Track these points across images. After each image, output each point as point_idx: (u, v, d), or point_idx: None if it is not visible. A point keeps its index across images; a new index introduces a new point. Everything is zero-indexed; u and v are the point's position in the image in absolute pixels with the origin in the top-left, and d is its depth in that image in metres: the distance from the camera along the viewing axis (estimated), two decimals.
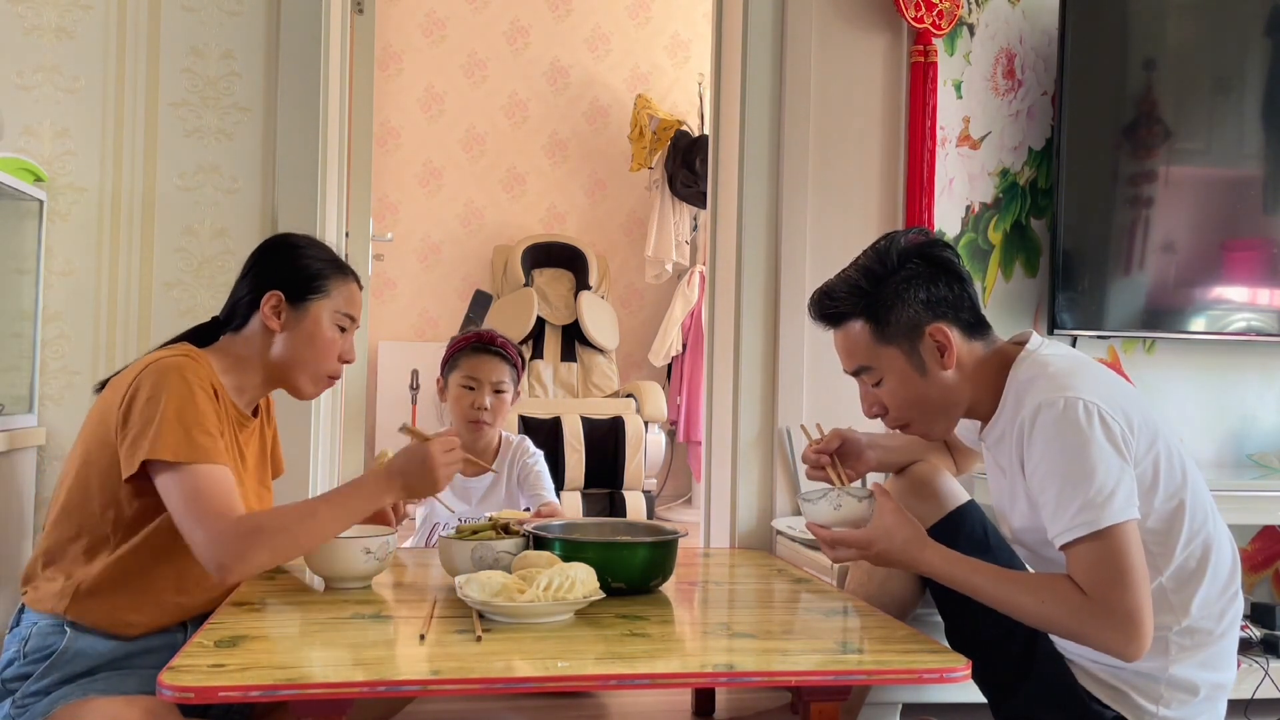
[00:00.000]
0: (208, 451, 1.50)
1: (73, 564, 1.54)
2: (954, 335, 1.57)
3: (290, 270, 1.70)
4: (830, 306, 1.62)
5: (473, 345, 2.42)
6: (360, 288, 1.78)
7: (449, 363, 2.44)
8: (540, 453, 2.53)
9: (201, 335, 1.73)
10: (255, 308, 1.68)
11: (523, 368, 2.51)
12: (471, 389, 2.38)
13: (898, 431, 1.70)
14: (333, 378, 1.74)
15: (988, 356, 1.60)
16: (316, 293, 1.69)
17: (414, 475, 1.61)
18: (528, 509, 2.48)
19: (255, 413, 1.76)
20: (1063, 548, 1.44)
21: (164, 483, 1.49)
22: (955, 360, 1.57)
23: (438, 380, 2.49)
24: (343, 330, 1.73)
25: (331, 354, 1.71)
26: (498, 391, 2.40)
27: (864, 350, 1.59)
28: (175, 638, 1.62)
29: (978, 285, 1.73)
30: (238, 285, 1.73)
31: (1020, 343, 1.61)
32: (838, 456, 1.80)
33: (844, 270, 1.63)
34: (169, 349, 1.64)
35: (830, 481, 1.77)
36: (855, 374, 1.64)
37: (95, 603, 1.54)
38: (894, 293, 1.56)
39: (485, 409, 2.38)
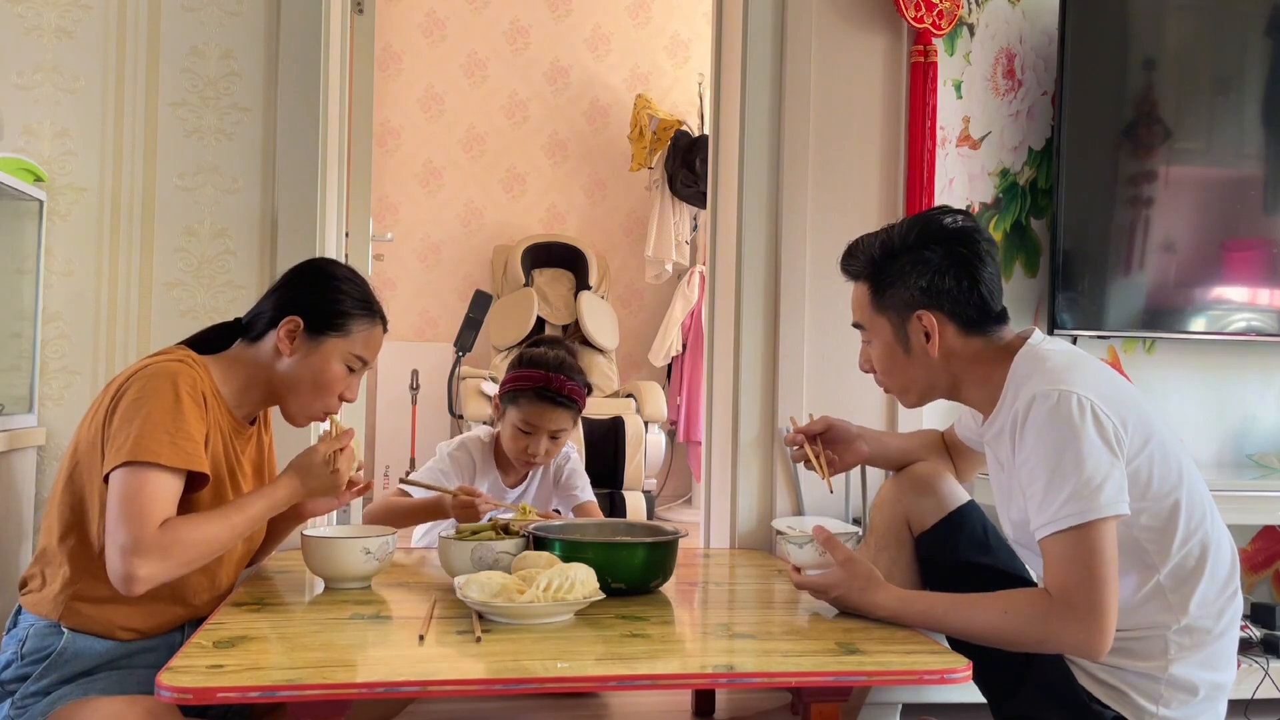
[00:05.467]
0: (173, 456, 1.47)
1: (64, 568, 1.54)
2: (945, 327, 1.61)
3: (318, 300, 1.68)
4: (847, 263, 1.73)
5: (537, 390, 2.28)
6: (385, 331, 1.76)
7: (509, 395, 2.33)
8: (573, 449, 2.50)
9: (219, 334, 1.72)
10: (274, 325, 1.67)
11: (586, 399, 2.39)
12: (528, 434, 2.30)
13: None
14: (327, 413, 1.73)
15: (987, 351, 1.62)
16: (336, 330, 1.68)
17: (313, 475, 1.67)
18: (557, 510, 2.46)
19: (254, 421, 1.76)
20: (1044, 539, 1.45)
21: (115, 476, 1.46)
22: (939, 349, 1.61)
23: (494, 399, 2.39)
24: (351, 370, 1.71)
25: (333, 392, 1.70)
26: (553, 437, 2.32)
27: (862, 311, 1.70)
28: (174, 637, 1.62)
29: None
30: (265, 297, 1.73)
31: (1024, 339, 1.62)
32: (826, 443, 1.88)
33: (877, 231, 1.71)
34: (167, 352, 1.63)
35: (809, 462, 1.86)
36: (856, 326, 1.73)
37: (90, 610, 1.54)
38: (898, 271, 1.63)
39: (538, 455, 2.30)
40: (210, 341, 1.71)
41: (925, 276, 1.60)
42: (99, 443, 1.51)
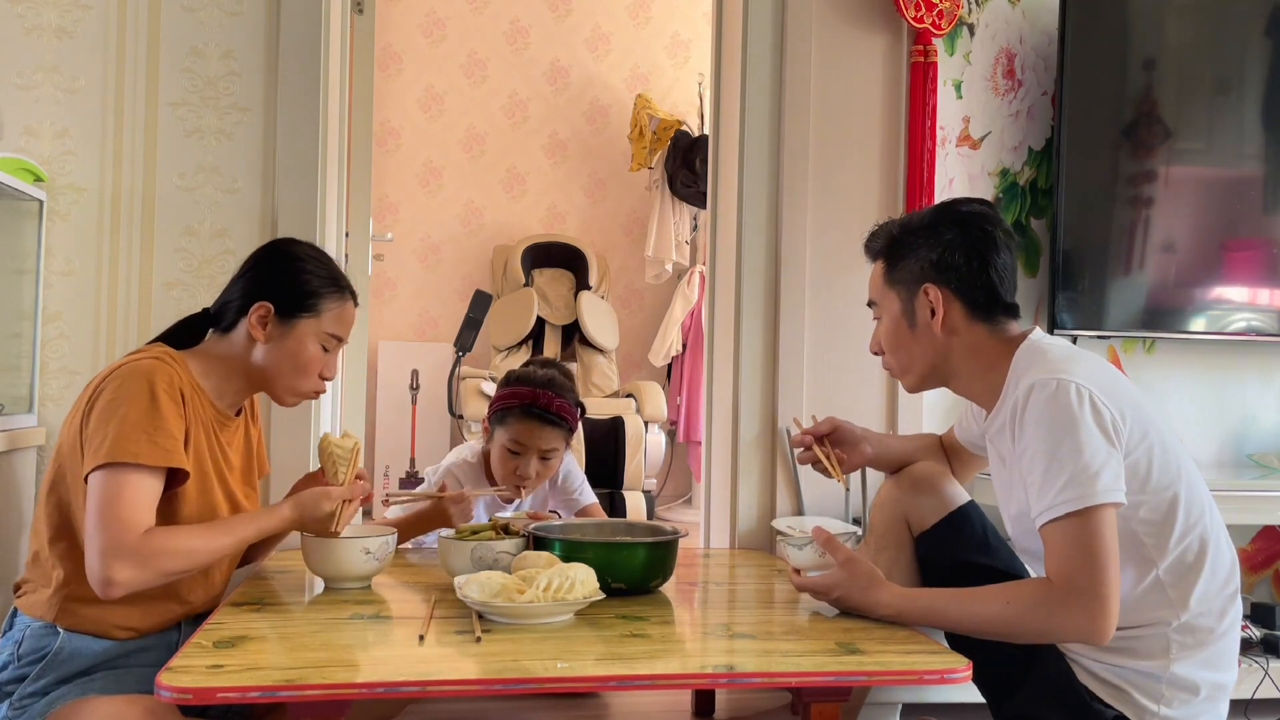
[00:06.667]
0: (152, 455, 1.47)
1: (58, 570, 1.54)
2: (951, 305, 1.63)
3: (286, 283, 1.67)
4: (869, 241, 1.77)
5: (524, 407, 2.22)
6: (356, 304, 1.76)
7: (497, 415, 2.26)
8: (570, 455, 2.44)
9: (190, 327, 1.72)
10: (244, 313, 1.66)
11: (579, 419, 2.32)
12: (517, 454, 2.22)
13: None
14: (316, 392, 1.73)
15: (990, 341, 1.63)
16: (307, 312, 1.67)
17: (309, 512, 1.67)
18: (555, 512, 2.44)
19: (239, 412, 1.75)
20: (1044, 526, 1.45)
21: (94, 478, 1.46)
22: (944, 326, 1.63)
23: (484, 421, 2.33)
24: (326, 349, 1.70)
25: (312, 372, 1.69)
26: (544, 458, 2.24)
27: (876, 286, 1.73)
28: (171, 636, 1.62)
29: None
30: (232, 285, 1.71)
31: (1025, 335, 1.63)
32: (831, 444, 1.89)
33: (902, 216, 1.77)
34: (144, 350, 1.62)
35: (821, 463, 1.86)
36: (870, 305, 1.76)
37: (85, 610, 1.53)
38: (911, 244, 1.67)
39: (529, 477, 2.22)
40: (183, 335, 1.70)
41: (936, 251, 1.63)
42: (78, 444, 1.51)
